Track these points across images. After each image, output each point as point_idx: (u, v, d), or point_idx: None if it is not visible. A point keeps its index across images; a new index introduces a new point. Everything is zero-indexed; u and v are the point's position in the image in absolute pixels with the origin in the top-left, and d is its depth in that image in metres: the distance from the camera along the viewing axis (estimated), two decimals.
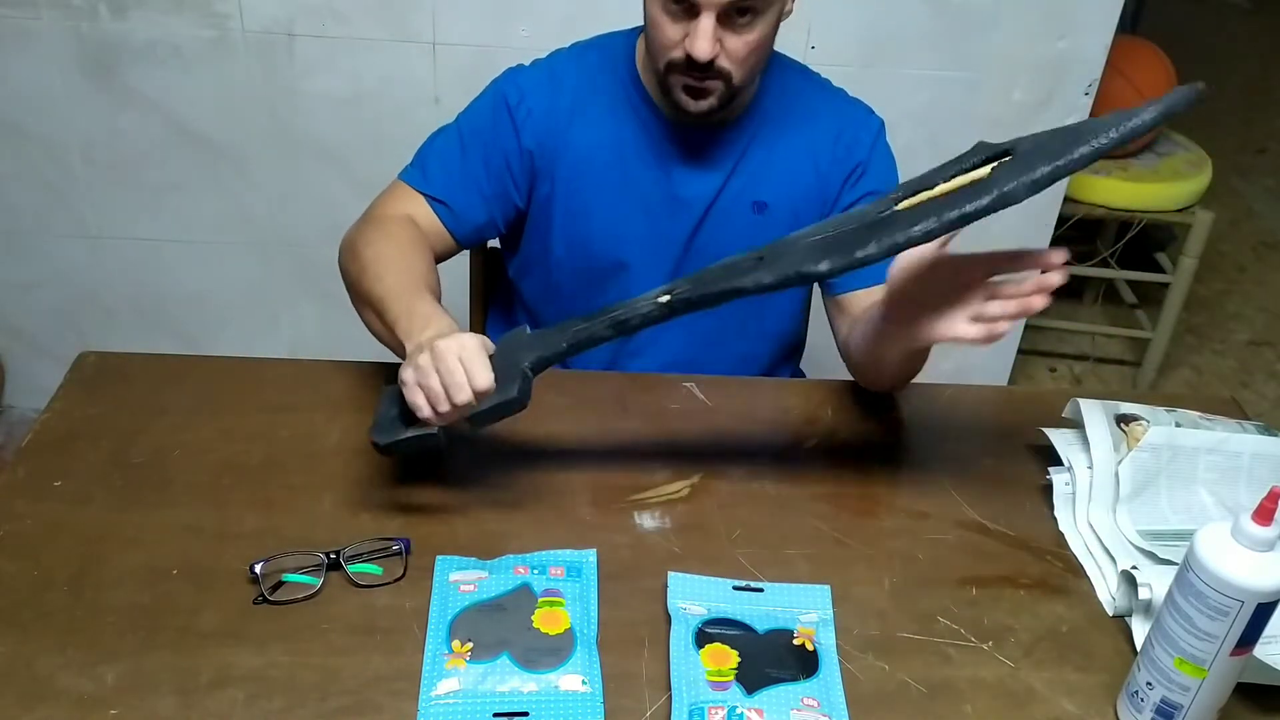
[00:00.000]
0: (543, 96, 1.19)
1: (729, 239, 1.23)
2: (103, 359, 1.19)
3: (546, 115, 1.19)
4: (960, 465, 1.11)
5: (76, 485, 1.01)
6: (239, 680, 0.84)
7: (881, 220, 0.86)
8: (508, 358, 0.95)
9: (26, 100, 1.88)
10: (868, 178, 1.23)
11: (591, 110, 1.20)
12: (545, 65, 1.23)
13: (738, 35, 1.07)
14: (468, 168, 1.20)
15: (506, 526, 1.00)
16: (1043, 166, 0.81)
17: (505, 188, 1.21)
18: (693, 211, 1.22)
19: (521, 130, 1.19)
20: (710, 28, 1.04)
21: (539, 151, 1.20)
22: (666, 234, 1.23)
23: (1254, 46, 4.62)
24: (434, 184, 1.20)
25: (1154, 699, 0.81)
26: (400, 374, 0.93)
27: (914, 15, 1.85)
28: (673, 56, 1.08)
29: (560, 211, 1.22)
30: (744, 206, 1.22)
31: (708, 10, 1.04)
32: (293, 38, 1.83)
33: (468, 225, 1.21)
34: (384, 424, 0.96)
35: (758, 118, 1.20)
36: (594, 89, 1.20)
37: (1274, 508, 0.74)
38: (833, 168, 1.22)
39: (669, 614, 0.90)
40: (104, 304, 2.12)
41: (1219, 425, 1.08)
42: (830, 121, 1.23)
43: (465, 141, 1.20)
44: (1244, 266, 3.16)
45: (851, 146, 1.22)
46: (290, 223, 2.03)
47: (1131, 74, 2.28)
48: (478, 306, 1.47)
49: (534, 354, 0.95)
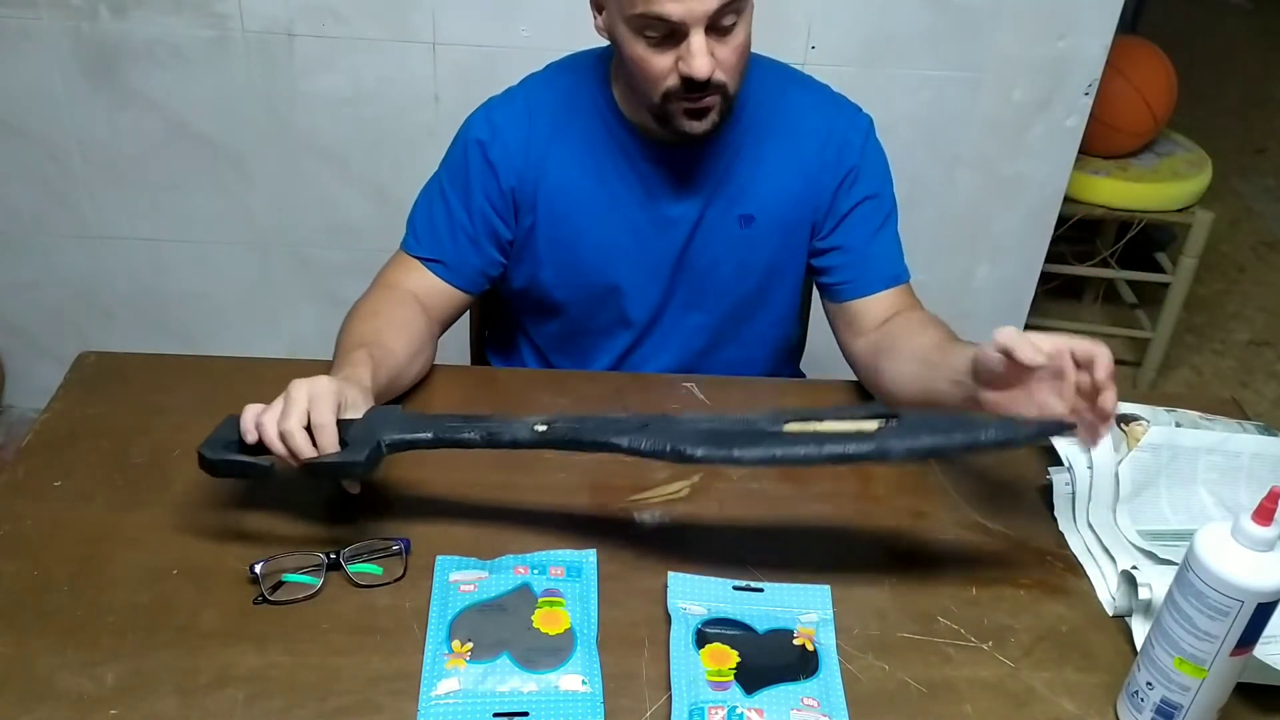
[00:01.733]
0: (518, 130, 1.18)
1: (717, 254, 1.23)
2: (103, 359, 1.19)
3: (523, 148, 1.18)
4: (960, 465, 1.11)
5: (76, 485, 1.01)
6: (239, 680, 0.84)
7: (768, 434, 0.89)
8: (371, 425, 0.94)
9: (26, 100, 1.88)
10: (861, 182, 1.20)
11: (569, 137, 1.18)
12: (519, 95, 1.21)
13: (725, 44, 1.05)
14: (453, 218, 1.20)
15: (506, 526, 1.00)
16: (925, 438, 0.86)
17: (493, 226, 1.20)
18: (679, 230, 1.21)
19: (498, 168, 1.18)
20: (703, 44, 1.02)
21: (519, 185, 1.19)
22: (655, 254, 1.22)
23: (1254, 46, 4.63)
24: (425, 246, 1.20)
25: (1154, 699, 0.81)
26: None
27: (914, 15, 1.85)
28: (667, 86, 1.06)
29: (544, 240, 1.22)
30: (730, 221, 1.21)
31: (696, 27, 1.02)
32: (293, 38, 1.83)
33: (470, 273, 1.22)
34: (217, 442, 0.93)
35: (739, 128, 1.18)
36: (570, 114, 1.19)
37: (1274, 508, 0.74)
38: (823, 174, 1.20)
39: (669, 614, 0.90)
40: (104, 304, 2.12)
41: (1219, 425, 1.08)
42: (816, 124, 1.20)
43: (446, 193, 1.20)
44: (1244, 266, 3.16)
45: (842, 150, 1.20)
46: (290, 223, 2.03)
47: (1131, 74, 2.28)
48: (476, 326, 1.47)
49: (397, 433, 0.93)
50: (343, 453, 0.90)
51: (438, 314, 1.21)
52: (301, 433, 0.90)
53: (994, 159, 2.00)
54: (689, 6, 1.00)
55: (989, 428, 0.87)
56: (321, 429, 0.90)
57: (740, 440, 0.88)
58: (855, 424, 0.88)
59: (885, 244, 1.22)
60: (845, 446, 0.86)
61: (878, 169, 1.23)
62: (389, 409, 0.97)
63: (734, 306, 1.27)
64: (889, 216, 1.23)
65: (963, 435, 0.87)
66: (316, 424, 0.90)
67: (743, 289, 1.25)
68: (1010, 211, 2.06)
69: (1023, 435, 0.90)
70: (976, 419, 0.90)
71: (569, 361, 1.33)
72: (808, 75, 1.25)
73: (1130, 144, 2.41)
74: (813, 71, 1.27)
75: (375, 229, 1.99)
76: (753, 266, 1.24)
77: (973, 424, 0.88)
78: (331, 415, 0.91)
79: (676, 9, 1.00)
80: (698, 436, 0.89)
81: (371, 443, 0.91)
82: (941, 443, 0.87)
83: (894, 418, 0.89)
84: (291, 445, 0.90)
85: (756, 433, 0.89)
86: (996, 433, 0.87)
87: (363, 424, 0.94)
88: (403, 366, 1.10)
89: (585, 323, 1.28)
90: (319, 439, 0.90)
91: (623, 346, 1.29)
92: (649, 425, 0.91)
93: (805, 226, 1.22)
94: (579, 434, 0.91)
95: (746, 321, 1.28)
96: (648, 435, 0.89)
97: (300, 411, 0.90)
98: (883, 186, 1.23)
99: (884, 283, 1.21)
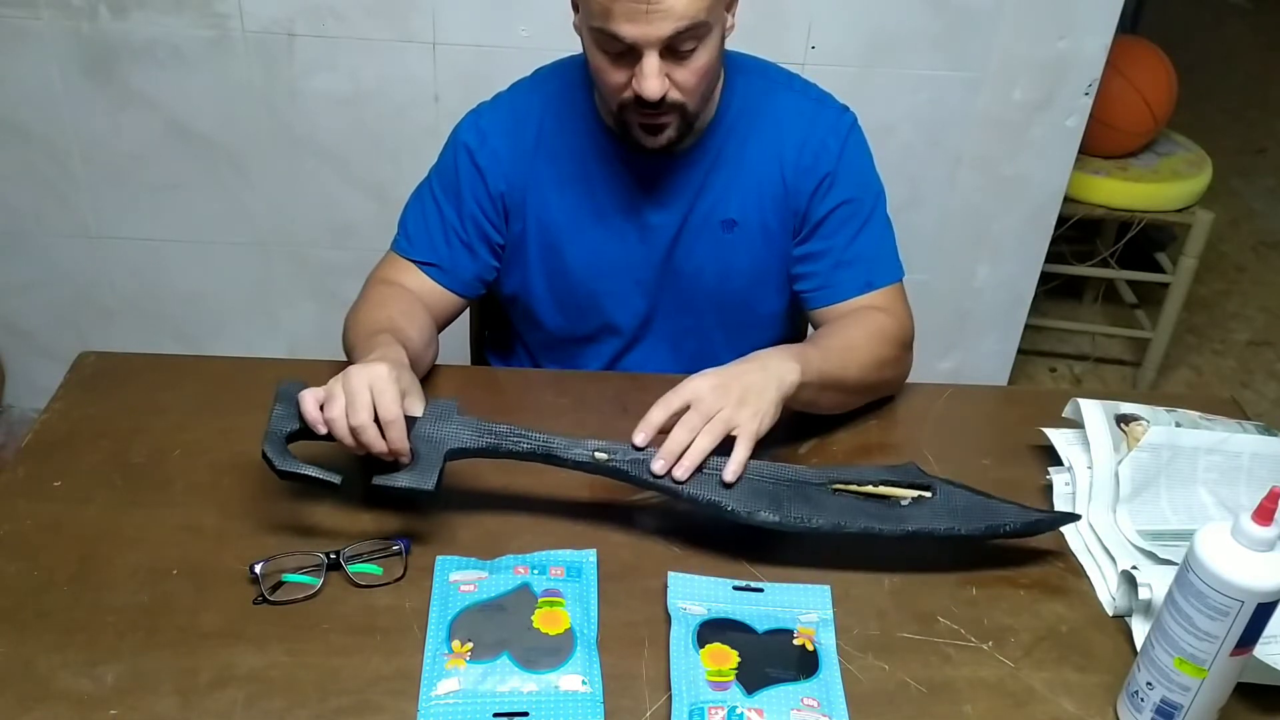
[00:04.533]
0: (506, 135, 1.18)
1: (701, 260, 1.23)
2: (103, 359, 1.19)
3: (512, 154, 1.18)
4: (960, 465, 1.11)
5: (76, 485, 1.01)
6: (239, 680, 0.84)
7: (813, 496, 0.97)
8: (433, 427, 0.95)
9: (26, 100, 1.88)
10: (837, 188, 1.19)
11: (556, 144, 1.19)
12: (506, 101, 1.22)
13: (684, 66, 1.04)
14: (446, 223, 1.20)
15: (506, 526, 1.00)
16: (944, 525, 0.96)
17: (484, 231, 1.21)
18: (662, 236, 1.21)
19: (487, 174, 1.18)
20: (655, 66, 1.02)
21: (509, 191, 1.19)
22: (639, 260, 1.23)
23: (1254, 46, 4.62)
24: (420, 249, 1.21)
25: (1154, 699, 0.81)
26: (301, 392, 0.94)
27: (914, 15, 1.85)
28: (623, 98, 1.07)
29: (535, 245, 1.22)
30: (713, 226, 1.20)
31: (649, 50, 1.02)
32: (293, 38, 1.83)
33: (465, 277, 1.22)
34: (278, 436, 0.93)
35: (720, 134, 1.18)
36: (558, 121, 1.19)
37: (1274, 508, 0.74)
38: (799, 178, 1.19)
39: (669, 614, 0.90)
40: (104, 304, 2.12)
41: (1219, 425, 1.08)
42: (796, 127, 1.19)
43: (438, 197, 1.20)
44: (1244, 266, 3.16)
45: (819, 154, 1.18)
46: (290, 223, 2.03)
47: (1131, 74, 2.28)
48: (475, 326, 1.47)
49: (457, 441, 0.95)
50: (412, 475, 0.92)
51: (434, 315, 1.21)
52: (374, 427, 0.91)
53: (994, 159, 2.00)
54: (642, 30, 1.00)
55: (1011, 518, 0.97)
56: (391, 424, 0.92)
57: (782, 500, 0.95)
58: (893, 490, 0.98)
59: (863, 247, 1.20)
60: (875, 525, 0.95)
61: (856, 171, 1.21)
62: (446, 405, 0.97)
63: (721, 311, 1.27)
64: (869, 218, 1.21)
65: (982, 525, 0.96)
66: (385, 420, 0.91)
67: (729, 293, 1.25)
68: (1010, 211, 2.06)
69: (1040, 526, 0.99)
70: (999, 507, 0.98)
71: (560, 367, 1.33)
72: (796, 76, 1.24)
73: (1130, 144, 2.41)
74: (813, 71, 1.27)
75: (375, 229, 1.98)
76: (737, 271, 1.23)
77: (997, 511, 0.98)
78: (399, 408, 0.92)
79: (630, 30, 1.00)
80: (745, 495, 0.95)
81: (436, 458, 0.93)
82: (961, 530, 0.96)
83: (928, 490, 0.98)
84: (364, 440, 0.91)
85: (805, 496, 0.96)
86: (1017, 524, 0.97)
87: (425, 424, 0.95)
88: (419, 354, 1.11)
89: (573, 329, 1.28)
90: (389, 434, 0.92)
91: (612, 352, 1.30)
92: (703, 469, 0.96)
93: (787, 230, 1.22)
94: (635, 471, 0.95)
95: (736, 325, 1.28)
96: (695, 486, 0.95)
97: (366, 403, 0.91)
98: (861, 189, 1.21)
99: (853, 290, 1.20)
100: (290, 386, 0.96)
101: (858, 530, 0.94)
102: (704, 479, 0.95)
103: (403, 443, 0.93)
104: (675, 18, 0.99)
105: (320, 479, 0.92)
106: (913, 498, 0.97)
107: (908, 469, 1.00)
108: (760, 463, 0.98)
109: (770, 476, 0.97)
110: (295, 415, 0.94)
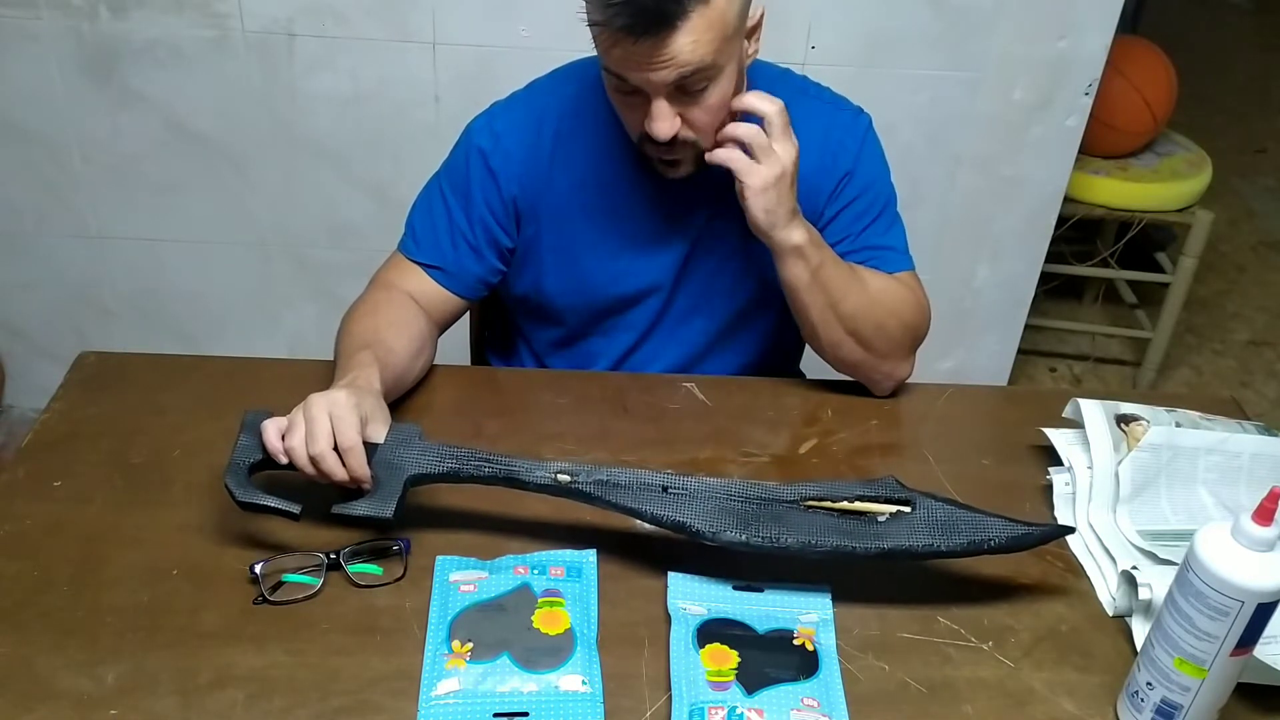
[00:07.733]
0: (522, 138, 1.17)
1: (719, 263, 1.23)
2: (103, 359, 1.19)
3: (527, 157, 1.17)
4: (960, 465, 1.11)
5: (76, 485, 1.01)
6: (239, 680, 0.84)
7: (783, 515, 0.94)
8: (394, 455, 0.95)
9: (26, 100, 1.88)
10: (854, 184, 1.19)
11: (574, 148, 1.18)
12: (523, 102, 1.21)
13: (697, 105, 1.04)
14: (454, 225, 1.19)
15: (506, 526, 1.00)
16: (923, 541, 0.91)
17: (493, 235, 1.20)
18: (684, 239, 1.21)
19: (499, 177, 1.17)
20: (665, 109, 1.02)
21: (521, 195, 1.18)
22: (660, 263, 1.22)
23: (1254, 46, 4.62)
24: (425, 251, 1.20)
25: (1154, 699, 0.81)
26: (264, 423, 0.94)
27: (914, 15, 1.85)
28: (639, 134, 1.07)
29: (549, 250, 1.21)
30: (732, 231, 1.19)
31: (656, 94, 1.01)
32: (293, 38, 1.83)
33: (469, 280, 1.21)
34: (241, 468, 0.93)
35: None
36: (575, 125, 1.18)
37: (1274, 508, 0.74)
38: (819, 178, 1.19)
39: (669, 614, 0.90)
40: (104, 304, 2.12)
41: (1219, 425, 1.08)
42: (815, 131, 1.18)
43: (447, 198, 1.20)
44: (1244, 266, 3.16)
45: (838, 155, 1.19)
46: (290, 222, 2.03)
47: (1131, 74, 2.28)
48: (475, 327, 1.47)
49: (417, 467, 0.94)
50: (371, 503, 0.92)
51: (435, 317, 1.20)
52: (332, 455, 0.91)
53: (994, 159, 2.00)
54: (645, 77, 1.00)
55: (995, 532, 0.92)
56: (349, 452, 0.92)
57: (750, 520, 0.93)
58: (869, 505, 0.94)
59: (874, 237, 1.21)
60: (849, 544, 0.91)
61: (871, 169, 1.22)
62: (409, 430, 0.97)
63: (735, 313, 1.27)
64: (882, 212, 1.21)
65: (964, 541, 0.92)
66: (344, 447, 0.92)
67: (744, 296, 1.25)
68: (1010, 211, 2.06)
69: (1028, 540, 0.94)
70: (984, 520, 0.93)
71: (567, 366, 1.32)
72: (812, 82, 1.24)
73: (1130, 144, 2.41)
74: (813, 71, 1.27)
75: (375, 229, 1.99)
76: (754, 274, 1.23)
77: (979, 525, 0.92)
78: (358, 435, 0.92)
79: (635, 76, 1.00)
80: (711, 514, 0.93)
81: (396, 485, 0.93)
82: (942, 548, 0.92)
83: (906, 504, 0.94)
84: (324, 469, 0.92)
85: (774, 515, 0.93)
86: (1001, 539, 0.92)
87: (386, 450, 0.95)
88: (406, 366, 1.11)
89: (587, 329, 1.28)
90: (348, 461, 0.92)
91: (621, 350, 1.29)
92: (668, 489, 0.94)
93: None
94: (600, 492, 0.94)
95: (747, 326, 1.28)
96: (665, 506, 0.93)
97: (325, 432, 0.91)
98: (874, 184, 1.21)
99: None
100: (255, 416, 0.96)
101: (829, 549, 0.91)
102: (668, 499, 0.94)
103: (362, 470, 0.92)
104: (679, 65, 0.98)
105: (280, 509, 0.92)
106: (890, 513, 0.93)
107: (885, 483, 0.96)
108: (730, 480, 0.96)
109: (739, 495, 0.95)
110: (259, 445, 0.94)
